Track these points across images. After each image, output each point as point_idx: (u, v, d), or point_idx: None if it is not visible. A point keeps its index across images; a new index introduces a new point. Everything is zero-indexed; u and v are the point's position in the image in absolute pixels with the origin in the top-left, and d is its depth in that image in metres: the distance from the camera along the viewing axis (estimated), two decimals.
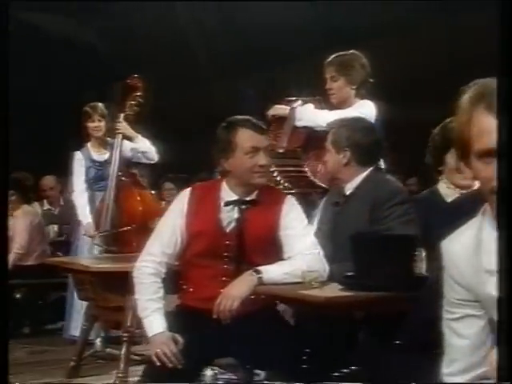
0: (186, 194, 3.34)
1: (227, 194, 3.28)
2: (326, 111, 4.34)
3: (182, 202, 3.31)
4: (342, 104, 4.41)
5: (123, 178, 5.91)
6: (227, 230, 3.24)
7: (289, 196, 3.39)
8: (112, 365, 5.60)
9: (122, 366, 4.21)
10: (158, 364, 3.03)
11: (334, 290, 2.76)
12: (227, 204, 3.24)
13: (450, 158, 3.37)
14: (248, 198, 3.25)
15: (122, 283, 4.16)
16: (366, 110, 4.25)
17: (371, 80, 4.43)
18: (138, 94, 6.03)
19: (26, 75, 8.84)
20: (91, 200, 6.20)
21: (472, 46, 7.20)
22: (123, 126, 6.00)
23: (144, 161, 6.16)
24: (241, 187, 3.26)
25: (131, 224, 5.74)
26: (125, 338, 4.23)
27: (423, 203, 3.32)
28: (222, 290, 3.14)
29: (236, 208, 3.23)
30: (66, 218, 7.73)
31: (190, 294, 3.29)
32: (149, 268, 3.26)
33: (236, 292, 3.06)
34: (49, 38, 9.88)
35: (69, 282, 6.44)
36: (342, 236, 3.13)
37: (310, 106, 4.37)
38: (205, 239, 3.23)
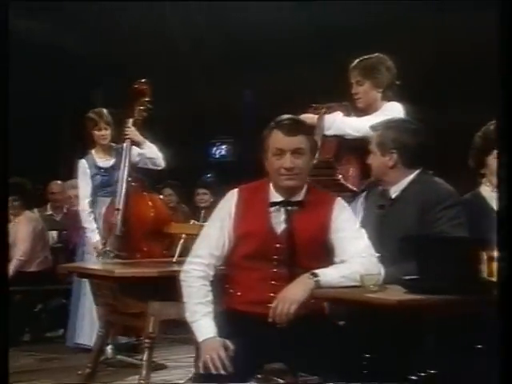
0: (233, 195, 3.32)
1: (273, 195, 3.25)
2: (354, 118, 4.30)
3: (229, 203, 3.29)
4: (368, 108, 4.40)
5: (133, 184, 5.88)
6: (278, 233, 3.21)
7: (338, 198, 3.35)
8: (123, 372, 5.61)
9: (144, 372, 4.11)
10: (208, 370, 3.00)
11: (400, 293, 2.73)
12: (273, 205, 3.22)
13: (492, 160, 3.37)
14: (294, 199, 3.23)
15: (143, 289, 4.17)
16: (394, 112, 4.21)
17: (397, 82, 4.41)
18: (146, 99, 6.00)
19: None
20: (95, 206, 6.15)
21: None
22: (132, 132, 5.97)
23: (151, 167, 6.14)
24: (282, 188, 3.25)
25: (142, 230, 5.73)
26: (147, 345, 4.15)
27: (467, 207, 3.31)
28: (271, 294, 3.11)
29: (282, 209, 3.21)
30: (68, 224, 7.68)
31: (237, 298, 3.26)
32: (197, 271, 3.24)
33: (293, 295, 3.01)
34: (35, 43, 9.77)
35: (73, 289, 6.42)
36: (390, 238, 3.12)
37: (339, 114, 4.31)
38: (254, 241, 3.20)
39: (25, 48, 7.72)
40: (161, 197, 6.25)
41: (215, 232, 3.27)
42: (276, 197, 3.24)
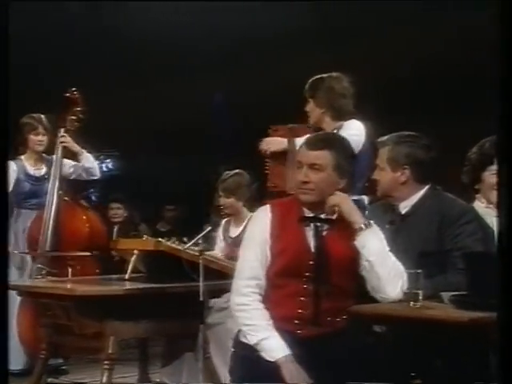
0: (266, 212, 3.21)
1: (305, 210, 3.17)
2: None
3: (263, 220, 3.20)
4: (318, 125, 4.40)
5: (66, 198, 5.58)
6: (311, 249, 3.12)
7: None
8: None
9: None
10: None
11: (451, 310, 2.67)
12: (303, 220, 3.13)
13: (488, 176, 3.35)
14: (324, 216, 3.14)
15: (100, 308, 3.96)
16: (353, 131, 4.22)
17: (342, 104, 4.40)
18: (78, 108, 5.76)
19: None
20: (19, 218, 5.76)
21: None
22: (67, 140, 5.69)
23: (85, 178, 5.86)
24: (302, 203, 3.17)
25: (77, 245, 5.44)
26: (106, 366, 3.95)
27: None
28: (299, 310, 3.07)
29: (312, 225, 3.13)
30: None
31: None
32: (256, 294, 3.16)
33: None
34: None
35: None
36: (405, 254, 3.04)
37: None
38: (288, 258, 3.10)
39: None
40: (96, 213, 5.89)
41: (257, 250, 3.17)
42: (307, 212, 3.18)
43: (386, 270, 3.04)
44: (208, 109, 9.30)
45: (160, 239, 4.40)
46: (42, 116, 5.85)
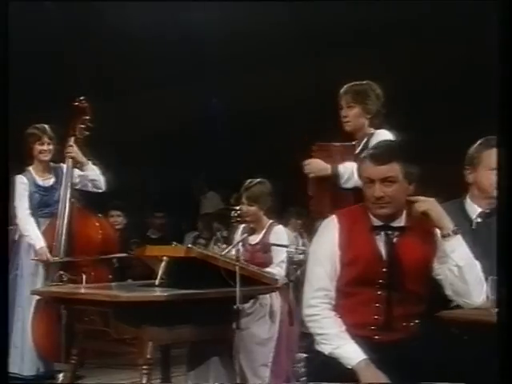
0: (333, 223, 3.28)
1: (373, 219, 3.24)
2: None
3: (331, 231, 3.25)
4: (355, 132, 4.45)
5: (78, 205, 5.66)
6: (383, 257, 3.20)
7: None
8: None
9: None
10: None
11: None
12: (374, 229, 3.21)
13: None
14: (395, 225, 3.23)
15: (138, 314, 4.04)
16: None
17: (384, 111, 4.47)
18: (87, 117, 5.83)
19: None
20: None
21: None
22: (74, 150, 5.75)
23: (91, 189, 5.90)
24: (377, 216, 3.24)
25: (90, 252, 5.52)
26: (145, 371, 4.01)
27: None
28: (375, 316, 3.15)
29: (383, 233, 3.21)
30: None
31: None
32: (326, 304, 3.22)
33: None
34: None
35: None
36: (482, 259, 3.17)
37: (353, 166, 4.03)
38: (360, 266, 3.18)
39: None
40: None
41: (327, 261, 3.23)
42: (376, 221, 3.24)
43: (473, 275, 3.13)
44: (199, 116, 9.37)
45: (190, 246, 4.53)
46: (46, 126, 5.87)
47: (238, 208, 5.04)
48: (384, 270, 3.18)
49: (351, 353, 3.11)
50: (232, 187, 9.16)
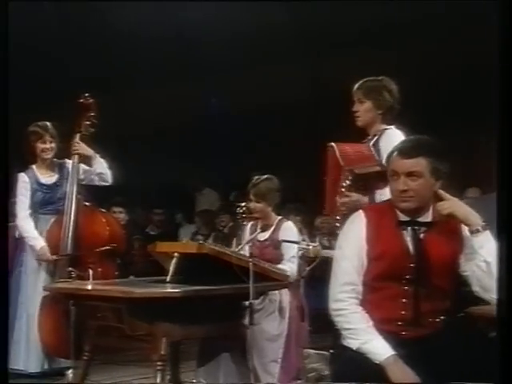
0: (360, 218, 3.29)
1: (400, 215, 3.25)
2: None
3: (358, 226, 3.27)
4: (367, 127, 4.47)
5: (85, 202, 5.67)
6: (411, 252, 3.22)
7: None
8: None
9: None
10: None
11: None
12: (400, 224, 3.22)
13: None
14: (422, 220, 3.25)
15: (151, 310, 4.05)
16: (398, 138, 4.11)
17: (397, 107, 4.47)
18: (92, 113, 5.83)
19: None
20: (37, 224, 5.81)
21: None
22: (81, 147, 5.76)
23: (97, 183, 5.91)
24: (402, 210, 3.25)
25: (97, 248, 5.53)
26: (159, 367, 4.02)
27: None
28: (402, 312, 3.16)
29: (409, 229, 3.22)
30: None
31: None
32: (353, 299, 3.23)
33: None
34: None
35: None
36: None
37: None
38: (387, 261, 3.19)
39: None
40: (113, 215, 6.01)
41: (353, 256, 3.24)
42: (402, 217, 3.26)
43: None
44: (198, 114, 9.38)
45: (202, 242, 4.54)
46: (48, 124, 5.85)
47: (243, 205, 5.04)
48: (411, 265, 3.19)
49: (379, 348, 3.11)
50: (231, 185, 9.26)
